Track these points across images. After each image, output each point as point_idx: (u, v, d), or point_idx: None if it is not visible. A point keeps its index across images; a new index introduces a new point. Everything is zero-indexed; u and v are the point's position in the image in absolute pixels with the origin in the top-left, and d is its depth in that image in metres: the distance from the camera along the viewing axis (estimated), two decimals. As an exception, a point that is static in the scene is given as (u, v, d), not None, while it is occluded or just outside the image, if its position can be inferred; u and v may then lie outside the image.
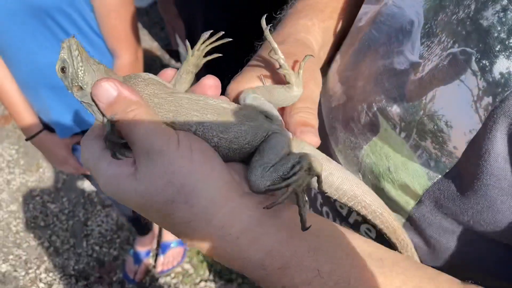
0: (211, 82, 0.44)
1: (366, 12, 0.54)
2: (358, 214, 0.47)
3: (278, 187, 0.38)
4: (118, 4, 1.13)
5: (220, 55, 0.47)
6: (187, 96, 0.42)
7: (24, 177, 2.53)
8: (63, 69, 0.43)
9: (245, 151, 0.42)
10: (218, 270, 2.02)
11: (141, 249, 2.07)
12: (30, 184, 2.48)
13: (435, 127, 0.42)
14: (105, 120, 0.40)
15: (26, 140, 1.33)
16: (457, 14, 0.41)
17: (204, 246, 0.38)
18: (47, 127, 1.33)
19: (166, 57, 2.93)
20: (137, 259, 2.06)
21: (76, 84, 0.42)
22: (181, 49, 2.10)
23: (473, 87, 0.39)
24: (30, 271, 2.13)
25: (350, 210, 0.55)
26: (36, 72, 1.19)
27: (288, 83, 0.46)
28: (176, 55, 2.86)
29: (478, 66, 0.39)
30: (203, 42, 0.47)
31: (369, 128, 0.50)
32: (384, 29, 0.49)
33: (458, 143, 0.41)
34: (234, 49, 0.57)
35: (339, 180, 0.44)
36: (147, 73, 0.44)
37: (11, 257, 2.18)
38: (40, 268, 2.14)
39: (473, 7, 0.40)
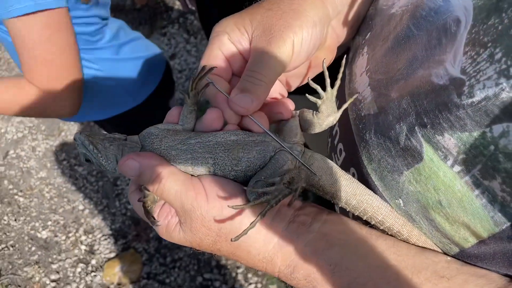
0: (214, 115, 0.46)
1: (400, -4, 0.41)
2: (375, 227, 0.46)
3: (257, 196, 0.42)
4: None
5: (211, 81, 0.46)
6: (198, 140, 0.45)
7: (48, 142, 2.53)
8: (88, 161, 0.47)
9: None
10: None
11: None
12: (55, 149, 2.49)
13: None
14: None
15: None
16: None
17: (249, 266, 0.46)
18: None
19: (170, -2, 2.74)
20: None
21: (104, 169, 0.47)
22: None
23: None
24: (70, 234, 2.20)
25: None
26: None
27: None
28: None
29: None
30: (193, 82, 0.46)
31: (410, 154, 0.40)
32: (425, 26, 0.38)
33: None
34: None
35: (348, 195, 0.45)
36: (156, 126, 0.47)
37: (49, 223, 2.25)
38: (79, 231, 2.21)
39: None
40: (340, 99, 0.53)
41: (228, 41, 0.46)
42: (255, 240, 0.44)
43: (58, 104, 1.00)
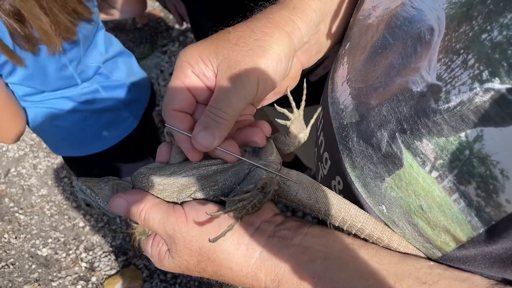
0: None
1: (375, 6, 0.43)
2: (357, 236, 0.47)
3: (233, 203, 0.44)
4: None
5: (171, 127, 0.48)
6: (184, 174, 0.48)
7: (49, 159, 2.55)
8: (88, 205, 0.50)
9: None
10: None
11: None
12: (56, 167, 2.51)
13: (487, 172, 0.33)
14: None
15: None
16: (489, 33, 0.31)
17: (237, 284, 0.47)
18: None
19: (170, 17, 2.78)
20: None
21: (104, 211, 0.51)
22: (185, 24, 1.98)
23: None
24: (70, 252, 2.20)
25: None
26: None
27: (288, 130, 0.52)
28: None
29: None
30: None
31: (391, 160, 0.41)
32: (400, 35, 0.39)
33: None
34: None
35: (325, 206, 0.47)
36: (146, 166, 0.51)
37: (50, 240, 2.24)
38: (79, 248, 2.21)
39: None
40: (324, 109, 0.54)
41: (192, 73, 0.47)
42: (234, 256, 0.44)
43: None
